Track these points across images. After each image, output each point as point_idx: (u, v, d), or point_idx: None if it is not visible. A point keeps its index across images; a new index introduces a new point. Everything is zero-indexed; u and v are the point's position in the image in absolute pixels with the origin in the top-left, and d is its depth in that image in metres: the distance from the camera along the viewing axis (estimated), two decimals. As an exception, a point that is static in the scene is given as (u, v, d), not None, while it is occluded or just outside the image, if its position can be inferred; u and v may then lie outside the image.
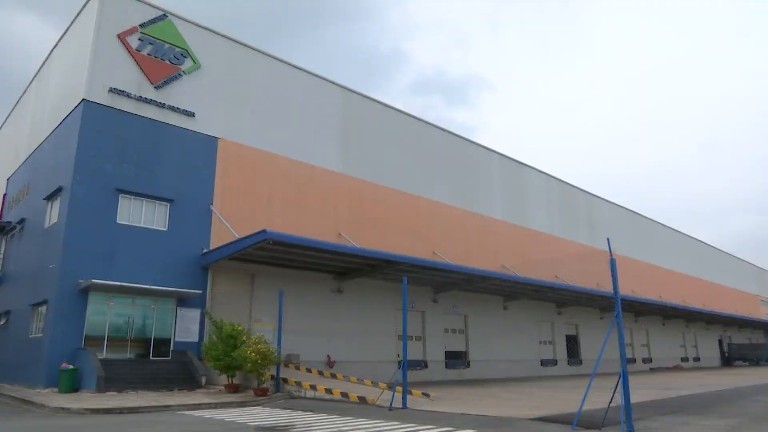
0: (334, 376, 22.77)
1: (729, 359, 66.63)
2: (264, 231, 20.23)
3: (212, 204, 24.27)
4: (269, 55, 28.46)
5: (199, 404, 16.21)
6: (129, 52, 23.08)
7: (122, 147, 22.27)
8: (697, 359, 60.51)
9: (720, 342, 67.61)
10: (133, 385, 19.24)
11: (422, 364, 30.32)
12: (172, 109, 23.86)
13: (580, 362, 41.79)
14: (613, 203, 54.91)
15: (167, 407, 15.51)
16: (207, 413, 14.79)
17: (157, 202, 22.90)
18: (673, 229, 65.46)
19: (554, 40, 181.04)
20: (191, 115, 24.41)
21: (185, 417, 14.08)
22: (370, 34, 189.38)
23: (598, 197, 52.60)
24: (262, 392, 18.48)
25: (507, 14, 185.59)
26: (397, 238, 30.23)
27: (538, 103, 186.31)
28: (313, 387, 18.84)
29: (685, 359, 58.15)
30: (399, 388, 16.20)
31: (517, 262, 37.22)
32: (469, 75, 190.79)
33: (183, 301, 22.71)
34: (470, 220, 36.61)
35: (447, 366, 32.01)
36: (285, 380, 19.64)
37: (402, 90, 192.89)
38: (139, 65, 23.25)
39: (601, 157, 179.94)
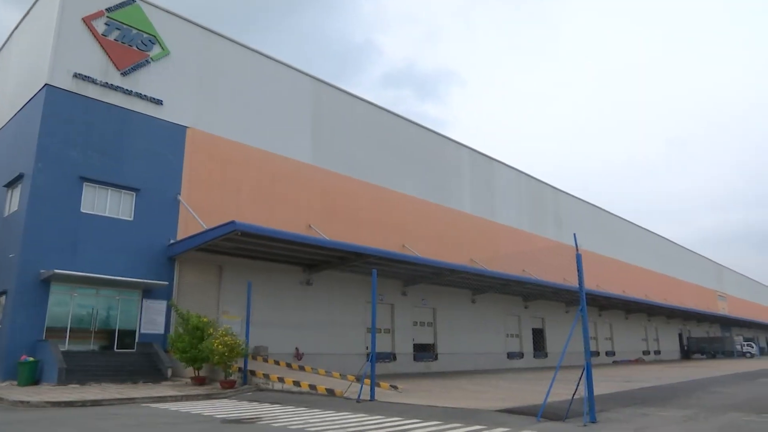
0: (302, 368, 22.72)
1: (688, 352, 68.73)
2: (233, 222, 20.01)
3: (180, 194, 23.87)
4: (240, 44, 28.05)
5: (165, 397, 16.00)
6: (95, 36, 22.47)
7: (87, 134, 21.70)
8: (657, 352, 62.17)
9: (680, 335, 69.61)
10: (97, 377, 18.87)
11: (391, 357, 30.46)
12: (139, 96, 23.36)
13: (546, 355, 42.53)
14: (580, 199, 55.85)
15: (132, 400, 15.27)
16: (173, 406, 14.62)
17: (123, 191, 22.42)
18: (637, 226, 66.94)
19: (526, 37, 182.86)
20: (159, 103, 23.93)
21: (150, 409, 13.89)
22: (342, 26, 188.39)
23: (566, 193, 53.44)
24: (229, 385, 18.33)
25: (480, 10, 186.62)
26: (367, 231, 30.23)
27: (509, 99, 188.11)
28: (281, 379, 18.77)
29: (646, 352, 59.68)
30: (367, 381, 16.25)
31: (485, 256, 37.62)
32: (441, 69, 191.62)
33: (149, 293, 22.34)
34: (440, 214, 36.82)
35: (415, 358, 32.22)
36: (253, 372, 19.52)
37: (373, 82, 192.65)
38: (105, 50, 22.66)
39: (570, 154, 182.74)
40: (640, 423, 11.16)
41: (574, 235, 13.10)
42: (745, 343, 74.94)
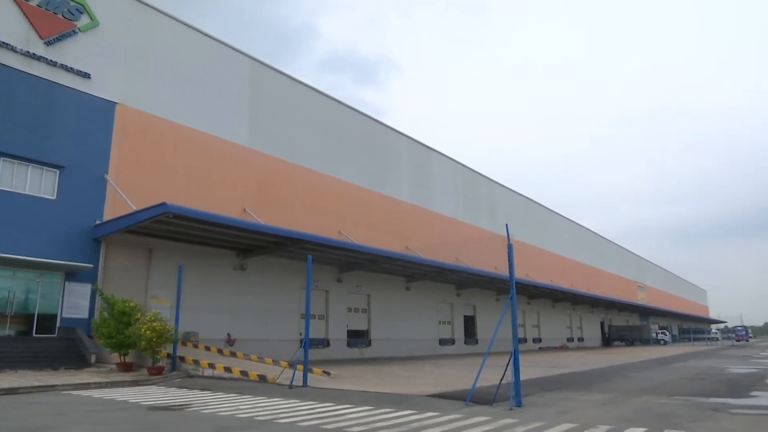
0: (234, 354, 22.36)
1: (609, 339, 72.46)
2: (164, 203, 19.36)
3: (107, 173, 22.85)
4: (175, 19, 26.98)
5: (88, 384, 15.40)
6: (14, 0, 21.05)
7: (5, 106, 20.36)
8: (581, 339, 65.11)
9: (602, 324, 73.21)
10: (13, 364, 17.92)
11: (324, 343, 30.48)
12: (64, 68, 22.11)
13: (476, 341, 43.70)
14: (513, 190, 57.42)
15: (52, 387, 14.61)
16: (96, 393, 14.09)
17: (46, 168, 21.25)
18: (565, 218, 69.57)
19: (464, 29, 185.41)
20: (86, 76, 22.74)
21: (71, 397, 13.34)
22: (281, 6, 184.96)
23: (500, 184, 54.78)
24: (156, 371, 17.86)
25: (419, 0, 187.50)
26: (303, 217, 29.97)
27: (447, 88, 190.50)
28: (211, 365, 18.42)
29: (570, 339, 62.39)
30: (300, 367, 16.22)
31: (420, 244, 38.11)
32: (380, 56, 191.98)
33: (72, 275, 21.34)
34: (377, 201, 36.97)
35: (349, 345, 32.37)
36: (182, 359, 19.07)
37: (311, 65, 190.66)
38: (26, 17, 21.28)
39: (505, 145, 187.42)
40: (563, 406, 11.67)
41: (506, 225, 13.47)
42: (660, 331, 79.83)
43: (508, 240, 12.42)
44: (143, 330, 17.69)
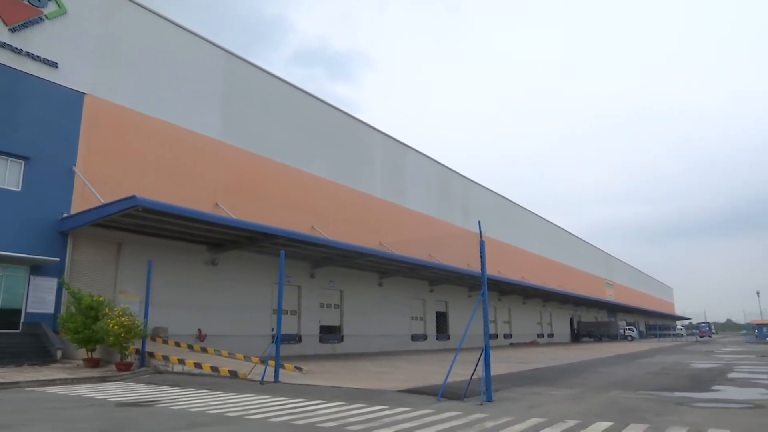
0: (204, 350, 22.15)
1: (578, 335, 73.72)
2: (133, 197, 19.01)
3: (75, 165, 22.34)
4: (146, 8, 26.45)
5: (53, 380, 15.09)
6: (-20, -13, 20.43)
7: (-32, 94, 19.76)
8: (551, 335, 66.08)
9: (571, 320, 74.44)
10: (-26, 359, 17.45)
11: (296, 338, 30.36)
12: (30, 56, 21.51)
13: (448, 337, 44.00)
14: (487, 188, 57.89)
15: (15, 384, 14.26)
16: (62, 389, 13.81)
17: (10, 159, 20.67)
18: (537, 215, 70.45)
19: (439, 28, 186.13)
20: (54, 65, 22.17)
21: (35, 394, 13.05)
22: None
23: (474, 182, 55.16)
24: (125, 367, 17.57)
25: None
26: (276, 211, 29.76)
27: (420, 86, 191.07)
28: (181, 361, 18.20)
29: (540, 335, 63.27)
30: (271, 362, 16.13)
31: (394, 240, 38.17)
32: (353, 51, 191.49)
33: (37, 269, 20.83)
34: (351, 197, 36.90)
35: (321, 340, 32.30)
36: (151, 354, 18.79)
37: (284, 59, 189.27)
38: (-9, 3, 20.66)
39: (478, 143, 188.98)
40: (533, 401, 11.84)
41: (479, 222, 13.55)
42: (627, 327, 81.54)
43: (481, 237, 12.53)
44: (111, 325, 17.38)
